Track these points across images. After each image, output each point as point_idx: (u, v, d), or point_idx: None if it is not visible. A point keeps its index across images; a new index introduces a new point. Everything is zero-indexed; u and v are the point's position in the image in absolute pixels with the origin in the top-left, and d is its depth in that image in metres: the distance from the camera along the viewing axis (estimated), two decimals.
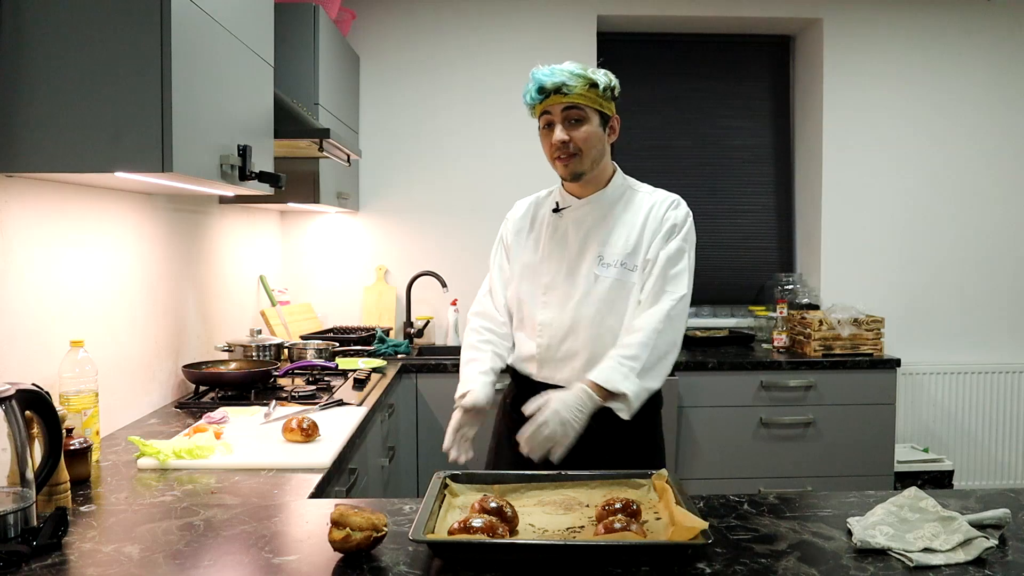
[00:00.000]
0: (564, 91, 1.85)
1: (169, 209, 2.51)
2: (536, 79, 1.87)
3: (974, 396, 4.05)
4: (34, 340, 1.80)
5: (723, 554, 1.25)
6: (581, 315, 1.90)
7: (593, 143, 1.89)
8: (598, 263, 1.91)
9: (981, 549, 1.23)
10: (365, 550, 1.23)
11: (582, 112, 1.87)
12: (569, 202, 1.97)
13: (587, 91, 1.86)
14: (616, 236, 1.92)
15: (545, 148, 1.92)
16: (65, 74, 1.52)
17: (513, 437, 1.81)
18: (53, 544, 1.27)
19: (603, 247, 1.92)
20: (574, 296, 1.91)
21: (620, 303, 1.89)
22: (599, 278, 1.90)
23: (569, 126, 1.87)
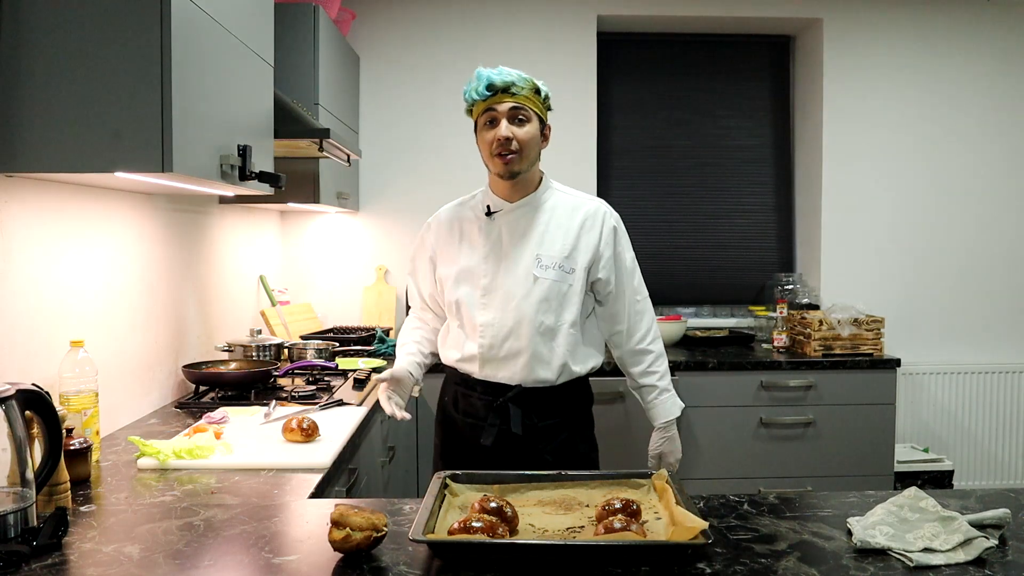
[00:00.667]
0: (512, 91, 1.93)
1: (169, 209, 2.51)
2: (484, 77, 1.94)
3: (974, 396, 4.05)
4: (34, 340, 1.80)
5: (723, 554, 1.25)
6: (523, 315, 1.96)
7: (533, 144, 1.96)
8: (536, 264, 1.98)
9: (981, 549, 1.23)
10: (365, 550, 1.23)
11: (527, 113, 1.95)
12: (500, 205, 2.02)
13: (532, 95, 1.96)
14: (551, 238, 2.00)
15: (484, 145, 1.98)
16: (65, 74, 1.52)
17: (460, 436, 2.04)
18: (53, 544, 1.27)
19: (539, 248, 1.99)
20: (515, 297, 1.97)
21: (557, 303, 1.98)
22: (538, 279, 1.97)
23: (514, 124, 1.93)
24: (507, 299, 1.97)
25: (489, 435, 1.98)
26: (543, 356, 1.96)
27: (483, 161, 2.02)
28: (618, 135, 4.21)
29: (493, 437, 1.98)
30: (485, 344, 1.97)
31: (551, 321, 1.96)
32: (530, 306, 1.95)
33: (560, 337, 1.98)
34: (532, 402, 1.99)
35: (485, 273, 1.99)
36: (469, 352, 2.00)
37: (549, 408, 2.01)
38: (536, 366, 1.97)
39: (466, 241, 2.04)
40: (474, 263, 2.01)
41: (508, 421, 1.98)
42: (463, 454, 2.04)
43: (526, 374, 1.97)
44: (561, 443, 2.02)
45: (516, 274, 1.97)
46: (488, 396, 2.00)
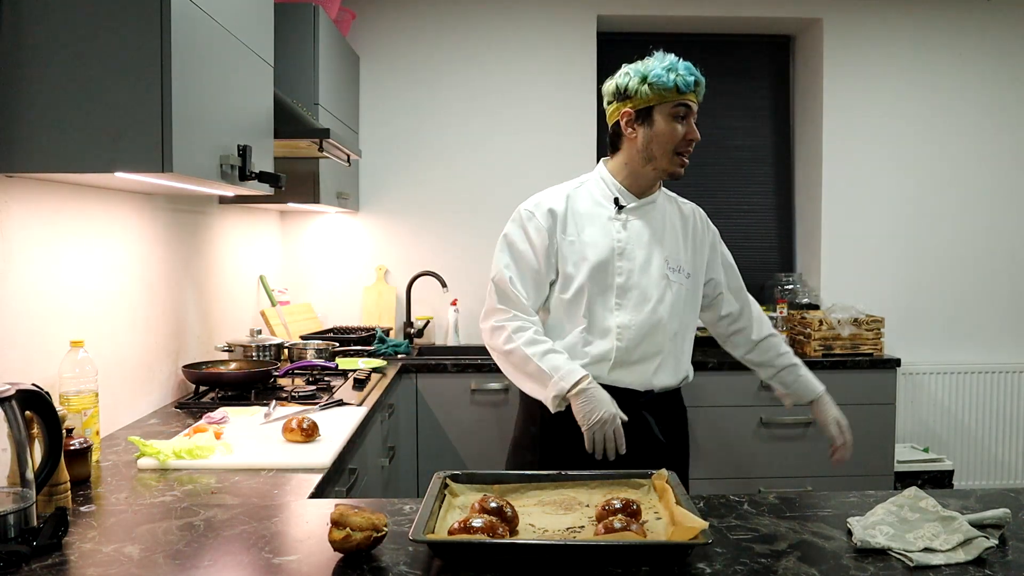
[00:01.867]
0: (699, 92, 1.91)
1: (169, 209, 2.51)
2: (687, 66, 1.88)
3: (974, 396, 4.05)
4: (34, 340, 1.80)
5: (723, 554, 1.25)
6: (658, 318, 1.89)
7: None
8: (667, 266, 1.92)
9: (981, 549, 1.23)
10: (365, 550, 1.23)
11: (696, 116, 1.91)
12: (630, 200, 1.93)
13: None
14: (674, 241, 1.96)
15: (665, 139, 1.88)
16: (65, 74, 1.52)
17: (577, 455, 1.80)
18: (53, 544, 1.27)
19: (668, 251, 1.94)
20: (651, 299, 1.89)
21: (682, 307, 1.95)
22: (671, 282, 1.92)
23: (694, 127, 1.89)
24: (642, 300, 1.89)
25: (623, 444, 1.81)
26: (670, 361, 1.92)
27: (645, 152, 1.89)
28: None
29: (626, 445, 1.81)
30: (622, 347, 1.87)
31: (677, 325, 1.93)
32: (665, 310, 1.90)
33: (685, 343, 1.98)
34: (658, 409, 1.93)
35: (619, 271, 1.88)
36: (600, 355, 1.87)
37: (670, 415, 1.96)
38: (666, 372, 1.93)
39: (591, 234, 1.89)
40: (606, 257, 1.88)
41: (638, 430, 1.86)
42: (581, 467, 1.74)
43: (656, 379, 1.91)
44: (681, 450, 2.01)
45: (651, 275, 1.89)
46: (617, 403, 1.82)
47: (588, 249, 1.89)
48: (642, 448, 1.88)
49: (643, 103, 1.88)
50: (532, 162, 3.99)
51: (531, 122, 4.00)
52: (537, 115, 4.00)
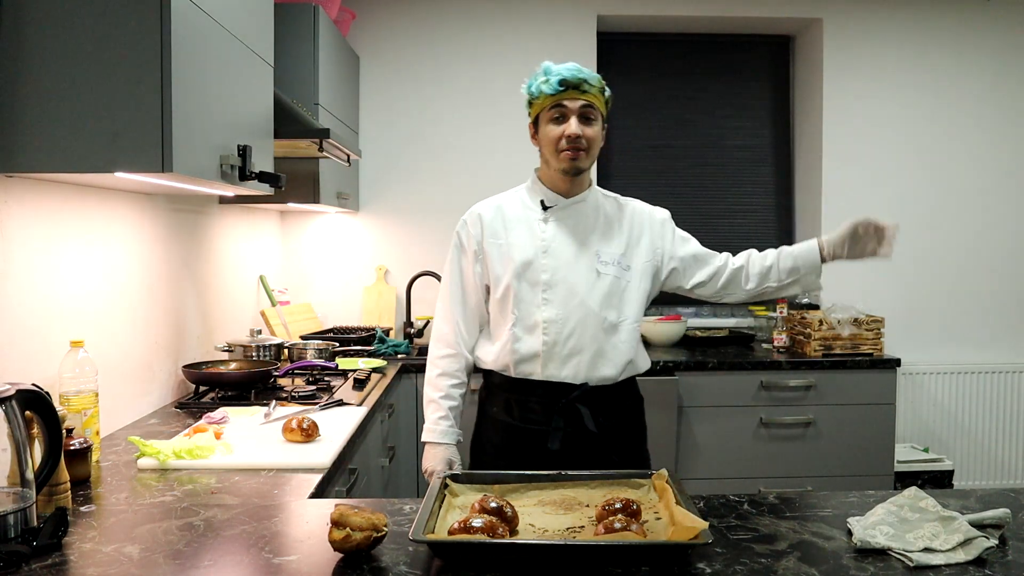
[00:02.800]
0: (584, 88, 1.90)
1: (169, 209, 2.51)
2: (557, 71, 1.89)
3: (974, 396, 4.05)
4: (34, 340, 1.80)
5: (723, 554, 1.25)
6: (587, 311, 1.92)
7: (598, 143, 1.96)
8: (597, 260, 1.95)
9: (981, 549, 1.23)
10: (365, 550, 1.23)
11: (595, 112, 1.93)
12: (555, 200, 1.99)
13: (599, 94, 1.94)
14: (609, 236, 1.99)
15: (549, 140, 1.93)
16: (65, 74, 1.52)
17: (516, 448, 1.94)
18: (53, 544, 1.27)
19: (599, 245, 1.97)
20: (578, 292, 1.93)
21: (618, 299, 1.96)
22: (601, 275, 1.95)
23: (583, 122, 1.91)
24: (570, 294, 1.93)
25: (555, 439, 1.91)
26: (607, 353, 1.94)
27: (544, 156, 1.98)
28: (618, 135, 4.21)
29: (559, 441, 1.91)
30: (549, 341, 1.92)
31: (614, 317, 1.95)
32: (594, 302, 1.93)
33: (622, 333, 1.96)
34: (596, 401, 1.95)
35: (545, 268, 1.94)
36: (529, 351, 1.94)
37: (613, 407, 1.97)
38: (600, 363, 1.94)
39: (516, 236, 1.98)
40: (531, 256, 1.95)
41: (574, 423, 1.92)
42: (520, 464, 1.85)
43: (590, 372, 1.93)
44: (626, 443, 2.00)
45: (578, 269, 1.94)
46: (549, 399, 1.93)
47: (514, 250, 1.97)
48: (575, 440, 1.92)
49: (534, 112, 1.97)
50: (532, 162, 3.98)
51: None
52: None
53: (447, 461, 1.99)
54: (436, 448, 2.01)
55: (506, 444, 1.99)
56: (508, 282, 1.95)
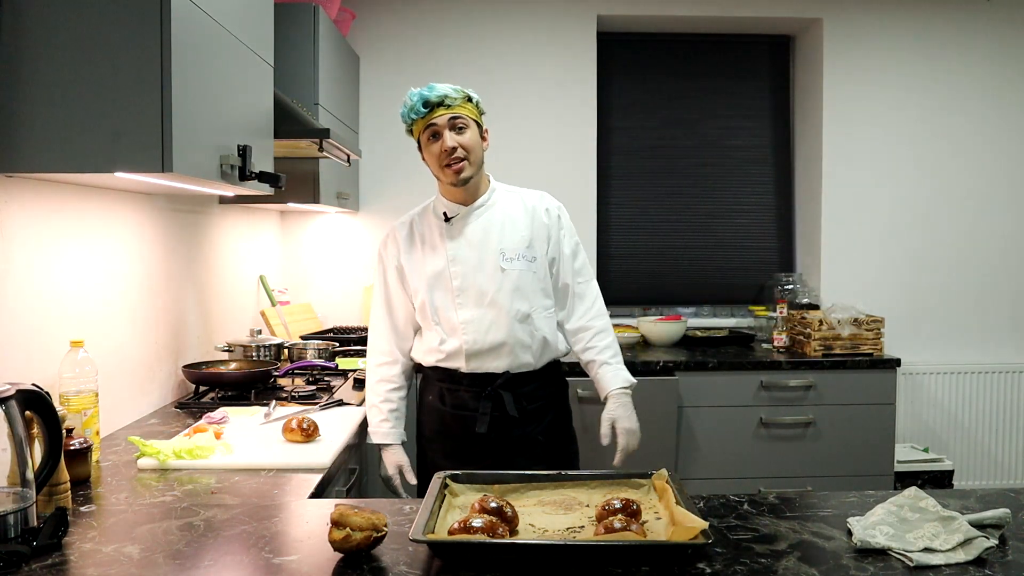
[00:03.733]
0: (447, 103, 2.03)
1: (169, 209, 2.51)
2: (419, 95, 2.03)
3: (974, 396, 4.05)
4: (34, 340, 1.80)
5: (723, 554, 1.25)
6: (499, 307, 2.07)
7: (476, 149, 2.08)
8: (502, 258, 2.08)
9: (981, 549, 1.23)
10: (365, 550, 1.23)
11: (465, 121, 2.06)
12: (456, 210, 2.12)
13: (465, 103, 2.06)
14: (511, 232, 2.12)
15: (432, 159, 2.08)
16: (65, 74, 1.52)
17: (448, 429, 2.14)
18: (53, 544, 1.27)
19: (502, 243, 2.10)
20: (488, 292, 2.08)
21: (529, 290, 2.10)
22: (507, 271, 2.09)
23: (456, 134, 2.03)
24: (481, 295, 2.08)
25: (483, 423, 2.08)
26: (524, 342, 2.09)
27: (433, 174, 2.12)
28: (618, 135, 4.21)
29: (487, 424, 2.08)
30: (469, 339, 2.08)
31: (526, 308, 2.09)
32: (504, 298, 2.07)
33: (537, 321, 2.11)
34: (519, 386, 2.11)
35: (454, 275, 2.09)
36: (453, 349, 2.10)
37: (535, 391, 2.14)
38: (519, 352, 2.09)
39: (428, 248, 2.14)
40: (441, 267, 2.10)
41: (499, 408, 2.09)
42: (454, 448, 2.14)
43: (511, 361, 2.09)
44: (549, 424, 2.17)
45: (484, 270, 2.09)
46: (475, 387, 2.11)
47: (426, 264, 2.13)
48: (501, 423, 2.09)
49: (416, 137, 2.11)
50: (532, 161, 3.99)
51: (532, 121, 4.00)
52: (538, 114, 4.00)
53: (396, 466, 2.16)
54: (386, 453, 2.17)
55: (441, 429, 2.17)
56: (424, 294, 2.11)
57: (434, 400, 2.19)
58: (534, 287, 2.11)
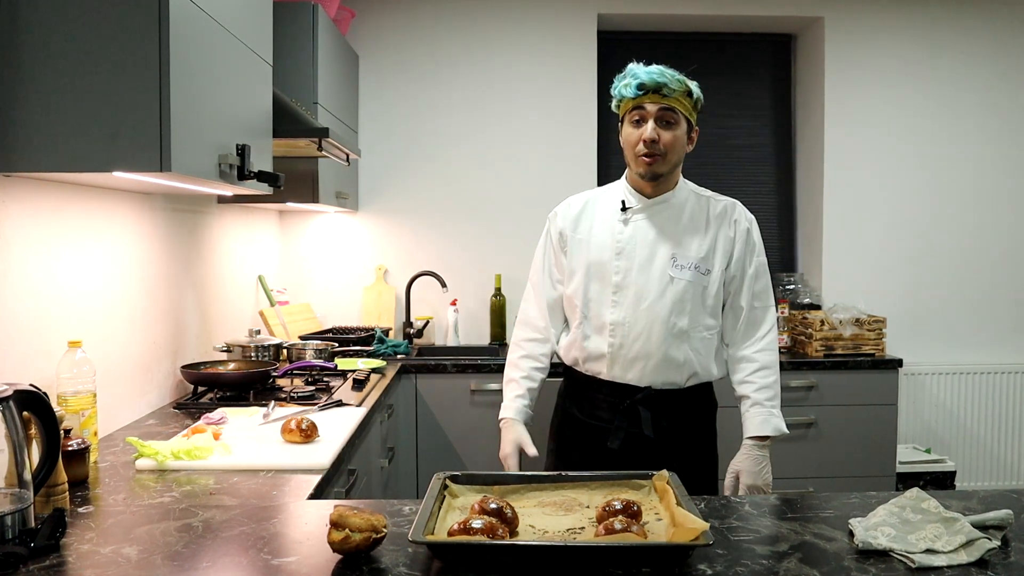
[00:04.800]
0: (664, 92, 1.91)
1: (167, 209, 2.51)
2: (637, 75, 1.91)
3: (976, 396, 4.05)
4: (32, 340, 1.79)
5: (724, 555, 1.25)
6: (655, 316, 1.92)
7: (678, 148, 1.96)
8: (672, 264, 1.94)
9: (984, 550, 1.23)
10: (364, 551, 1.23)
11: (675, 116, 1.93)
12: (638, 201, 1.99)
13: (683, 97, 1.94)
14: (689, 238, 1.97)
15: (627, 143, 1.96)
16: (63, 73, 1.52)
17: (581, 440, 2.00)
18: (51, 545, 1.27)
19: (677, 248, 1.96)
20: (647, 296, 1.93)
21: (692, 305, 1.95)
22: (674, 279, 1.94)
23: (661, 127, 1.92)
24: (639, 299, 1.94)
25: (616, 438, 1.95)
26: (674, 359, 1.93)
27: (625, 159, 2.00)
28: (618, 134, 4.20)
29: (620, 440, 1.94)
30: (615, 344, 1.94)
31: (684, 324, 1.93)
32: (663, 307, 1.92)
33: (694, 341, 1.95)
34: (662, 404, 1.96)
35: (617, 270, 1.95)
36: (596, 351, 1.97)
37: (679, 410, 1.97)
38: (666, 369, 1.94)
39: (596, 234, 2.00)
40: (606, 258, 1.97)
41: (636, 424, 1.95)
42: (583, 460, 1.98)
43: (655, 376, 1.94)
44: (690, 447, 1.99)
45: (650, 273, 1.94)
46: (614, 398, 1.97)
47: (592, 248, 1.99)
48: (636, 442, 1.96)
49: (620, 114, 2.00)
50: (533, 161, 4.00)
51: (532, 121, 4.00)
52: (538, 114, 4.00)
53: (515, 444, 2.01)
54: (509, 429, 2.02)
55: (574, 437, 2.04)
56: (580, 279, 1.99)
57: (571, 406, 2.06)
58: (700, 303, 1.94)
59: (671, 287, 1.93)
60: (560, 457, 2.07)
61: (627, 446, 1.94)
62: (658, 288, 1.93)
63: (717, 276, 1.97)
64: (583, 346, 1.98)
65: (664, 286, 1.93)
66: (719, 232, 2.00)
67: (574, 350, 2.01)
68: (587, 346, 1.97)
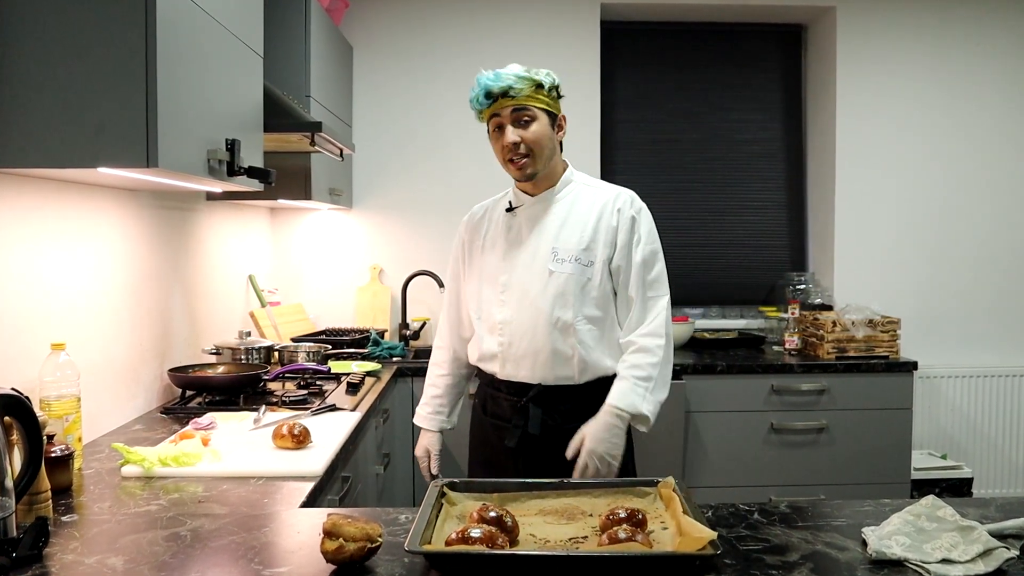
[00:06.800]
0: (511, 94, 1.96)
1: (154, 206, 2.51)
2: (482, 84, 1.97)
3: (994, 400, 4.05)
4: (14, 342, 1.80)
5: (732, 565, 1.25)
6: (538, 311, 1.99)
7: (544, 142, 1.99)
8: (552, 258, 2.00)
9: (1002, 560, 1.23)
10: (359, 561, 1.23)
11: (531, 113, 1.97)
12: (522, 200, 2.07)
13: (534, 92, 1.98)
14: (569, 231, 2.02)
15: (497, 151, 2.02)
16: (46, 66, 1.52)
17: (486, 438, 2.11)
18: (34, 555, 1.27)
19: (556, 242, 2.01)
20: (530, 292, 2.01)
21: (576, 298, 1.99)
22: (553, 273, 2.00)
23: (519, 127, 1.97)
24: (523, 295, 2.01)
25: (512, 436, 2.02)
26: (562, 353, 1.99)
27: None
28: (623, 128, 4.21)
29: (516, 439, 2.01)
30: (504, 342, 2.02)
31: (568, 316, 1.97)
32: (545, 301, 1.98)
33: (580, 333, 1.98)
34: (554, 402, 2.01)
35: (503, 270, 2.05)
36: (489, 351, 2.06)
37: (572, 408, 2.00)
38: (555, 364, 1.99)
39: (489, 239, 2.11)
40: (494, 260, 2.07)
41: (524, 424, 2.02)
42: (489, 457, 2.11)
43: (546, 372, 2.00)
44: None
45: (532, 269, 2.01)
46: (513, 396, 2.04)
47: (486, 252, 2.10)
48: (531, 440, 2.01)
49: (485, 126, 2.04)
50: None
51: None
52: None
53: (424, 449, 2.22)
54: (421, 435, 2.25)
55: (481, 436, 2.15)
56: (475, 285, 2.10)
57: (477, 405, 2.18)
58: (582, 295, 1.97)
59: (551, 281, 1.98)
60: (472, 454, 2.19)
61: (523, 445, 2.01)
62: (540, 283, 1.99)
63: (600, 267, 1.99)
64: (479, 347, 2.09)
65: (545, 280, 1.99)
66: (600, 222, 2.01)
67: (473, 351, 2.13)
68: (481, 346, 2.08)
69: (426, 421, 2.24)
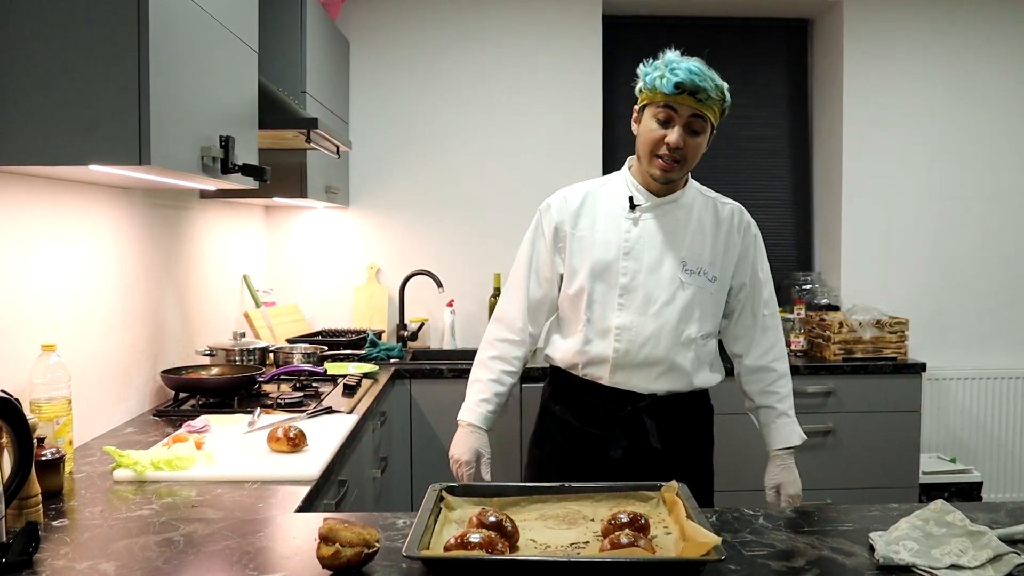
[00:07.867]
0: (700, 96, 1.87)
1: (147, 204, 2.51)
2: (676, 71, 1.86)
3: (1004, 403, 4.05)
4: (3, 344, 1.80)
5: (737, 571, 1.25)
6: (664, 322, 1.92)
7: (699, 156, 1.96)
8: (682, 269, 1.94)
9: (1012, 566, 1.23)
10: (356, 567, 1.23)
11: (705, 124, 1.91)
12: (646, 199, 1.97)
13: (717, 105, 1.91)
14: (696, 242, 1.97)
15: (645, 138, 1.92)
16: (36, 61, 1.52)
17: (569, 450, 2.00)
18: (24, 561, 1.27)
19: (686, 252, 1.95)
20: (656, 301, 1.93)
21: (700, 312, 1.95)
22: (684, 284, 1.94)
23: (687, 133, 1.90)
24: (647, 303, 1.93)
25: (618, 448, 1.95)
26: (681, 367, 1.95)
27: (638, 151, 1.96)
28: (624, 125, 4.19)
29: (623, 450, 1.95)
30: (620, 349, 1.93)
31: (693, 331, 1.94)
32: (673, 313, 1.92)
33: (699, 348, 1.97)
34: (664, 412, 1.97)
35: (625, 271, 1.94)
36: (598, 355, 1.95)
37: (681, 419, 2.00)
38: (672, 376, 1.95)
39: (601, 232, 1.97)
40: (612, 258, 1.94)
41: (638, 433, 1.95)
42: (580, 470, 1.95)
43: (660, 383, 1.95)
44: (692, 456, 2.03)
45: (660, 277, 1.93)
46: (613, 405, 1.96)
47: (596, 246, 1.96)
48: (638, 451, 1.95)
49: (642, 101, 1.95)
50: (534, 153, 4.00)
51: (533, 111, 4.00)
52: (539, 103, 4.00)
53: (475, 452, 2.02)
54: (469, 434, 2.03)
55: (567, 445, 2.02)
56: (583, 280, 1.95)
57: (562, 411, 2.03)
58: (708, 311, 1.96)
59: (681, 292, 1.93)
60: (550, 467, 2.02)
61: (629, 456, 1.95)
62: (668, 293, 1.93)
63: (724, 283, 1.99)
64: (584, 350, 1.96)
65: (674, 291, 1.93)
66: (729, 238, 2.01)
67: (573, 355, 1.98)
68: (589, 350, 1.96)
69: (484, 420, 2.03)
